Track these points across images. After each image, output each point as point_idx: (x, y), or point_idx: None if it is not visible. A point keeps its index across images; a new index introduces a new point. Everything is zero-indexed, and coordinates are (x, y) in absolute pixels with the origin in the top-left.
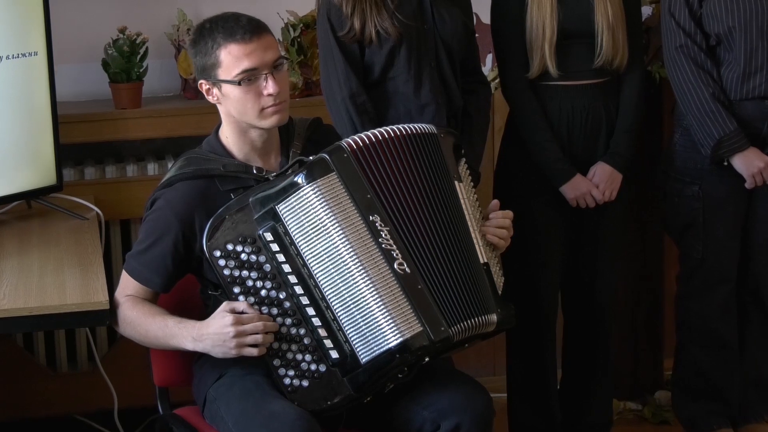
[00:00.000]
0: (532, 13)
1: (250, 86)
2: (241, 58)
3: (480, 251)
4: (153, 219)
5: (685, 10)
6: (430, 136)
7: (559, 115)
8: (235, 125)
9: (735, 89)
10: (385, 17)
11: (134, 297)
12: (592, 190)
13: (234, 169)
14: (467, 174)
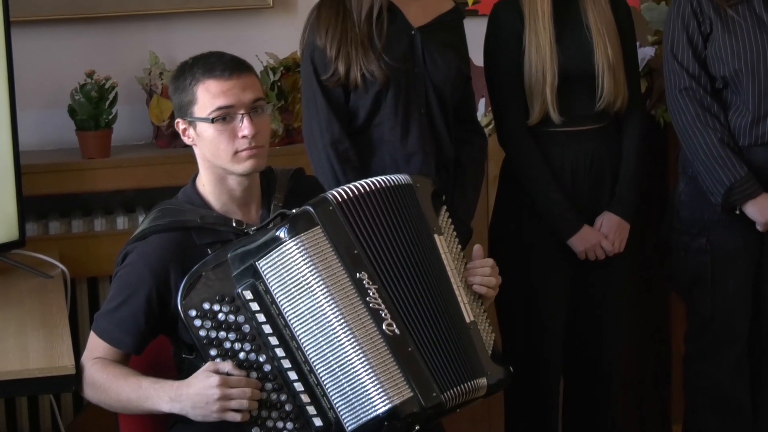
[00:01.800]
0: (531, 55)
1: (225, 126)
2: (217, 95)
3: (465, 309)
4: (124, 274)
5: (688, 51)
6: (405, 187)
7: (562, 162)
8: (212, 172)
9: (744, 134)
10: (372, 60)
11: (103, 359)
12: (601, 241)
13: (212, 222)
14: (448, 223)
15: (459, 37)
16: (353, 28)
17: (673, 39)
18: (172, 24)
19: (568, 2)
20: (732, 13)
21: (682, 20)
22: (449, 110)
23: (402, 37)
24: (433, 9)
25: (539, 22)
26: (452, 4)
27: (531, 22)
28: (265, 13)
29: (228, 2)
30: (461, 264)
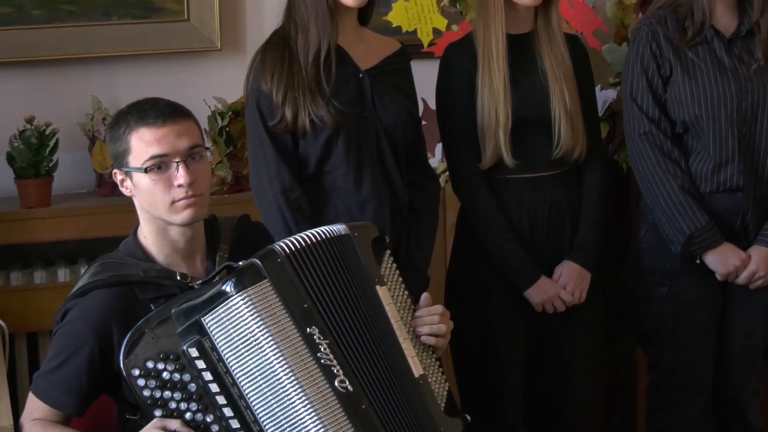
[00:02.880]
0: (484, 96)
1: (160, 175)
2: (150, 144)
3: (413, 363)
4: (64, 333)
5: (648, 95)
6: (343, 238)
7: (519, 210)
8: (153, 223)
9: (705, 181)
10: (320, 104)
11: (43, 420)
12: (560, 292)
13: (155, 275)
14: (393, 269)
15: (407, 80)
16: (300, 72)
17: (632, 82)
18: (116, 67)
19: (523, 45)
20: (692, 55)
21: (641, 63)
22: (401, 155)
23: (350, 81)
24: (380, 51)
25: (493, 62)
26: (399, 46)
27: (485, 62)
28: (212, 56)
29: (174, 44)
30: (409, 313)
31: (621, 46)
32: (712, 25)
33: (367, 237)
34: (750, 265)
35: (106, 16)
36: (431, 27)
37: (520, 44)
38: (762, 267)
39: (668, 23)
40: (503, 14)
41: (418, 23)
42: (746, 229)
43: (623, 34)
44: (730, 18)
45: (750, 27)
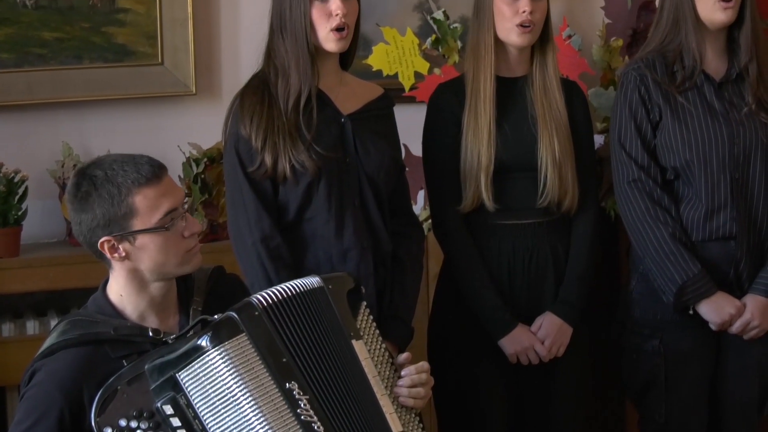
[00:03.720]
0: (468, 137)
1: (173, 230)
2: (160, 201)
3: (392, 420)
4: (32, 395)
5: (637, 140)
6: (317, 291)
7: (499, 257)
8: (135, 281)
9: (697, 229)
10: (301, 150)
11: None
12: (535, 344)
13: (126, 332)
14: (369, 321)
15: (390, 125)
16: (280, 116)
17: (620, 127)
18: (87, 113)
19: (515, 89)
20: (682, 99)
21: (629, 107)
22: (384, 202)
23: (331, 126)
24: (363, 96)
25: (480, 103)
26: (381, 91)
27: (471, 104)
28: (187, 101)
29: (148, 89)
30: (387, 367)
31: (608, 89)
32: (702, 69)
33: (342, 288)
34: (745, 314)
35: (77, 59)
36: (413, 70)
37: (511, 87)
38: (757, 316)
39: (657, 67)
40: (493, 56)
41: (400, 67)
42: (740, 278)
43: (610, 78)
44: (720, 62)
45: (740, 70)
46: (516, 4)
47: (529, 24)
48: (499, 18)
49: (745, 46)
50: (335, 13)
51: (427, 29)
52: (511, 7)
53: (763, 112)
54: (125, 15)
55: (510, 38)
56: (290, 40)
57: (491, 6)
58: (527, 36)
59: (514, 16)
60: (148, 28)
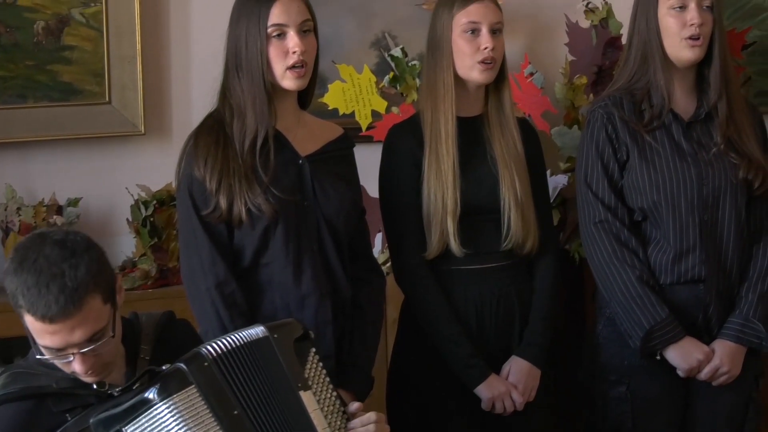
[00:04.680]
0: (430, 180)
1: (58, 358)
2: (42, 335)
3: None
4: None
5: (603, 180)
6: (261, 342)
7: (466, 303)
8: None
9: (665, 272)
10: (258, 192)
11: None
12: (512, 391)
13: (69, 385)
14: (318, 370)
15: (350, 167)
16: (235, 158)
17: (586, 167)
18: (32, 153)
19: (472, 129)
20: (649, 139)
21: (596, 146)
22: (344, 246)
23: (289, 167)
24: (322, 136)
25: (442, 145)
26: (341, 131)
27: (432, 145)
28: (135, 141)
29: (95, 129)
30: (338, 416)
31: (571, 129)
32: (670, 108)
33: (289, 337)
34: (713, 360)
35: (21, 98)
36: (370, 109)
37: (468, 127)
38: (726, 362)
39: (624, 105)
40: (453, 94)
41: (356, 105)
42: (709, 323)
43: (574, 117)
44: (689, 100)
45: (709, 109)
46: (477, 41)
47: (491, 61)
48: (459, 55)
49: (714, 84)
50: (293, 50)
51: (384, 67)
52: (471, 44)
53: (732, 152)
54: (71, 52)
55: (471, 76)
56: (246, 78)
57: (449, 43)
58: (489, 73)
59: (476, 53)
60: (95, 65)
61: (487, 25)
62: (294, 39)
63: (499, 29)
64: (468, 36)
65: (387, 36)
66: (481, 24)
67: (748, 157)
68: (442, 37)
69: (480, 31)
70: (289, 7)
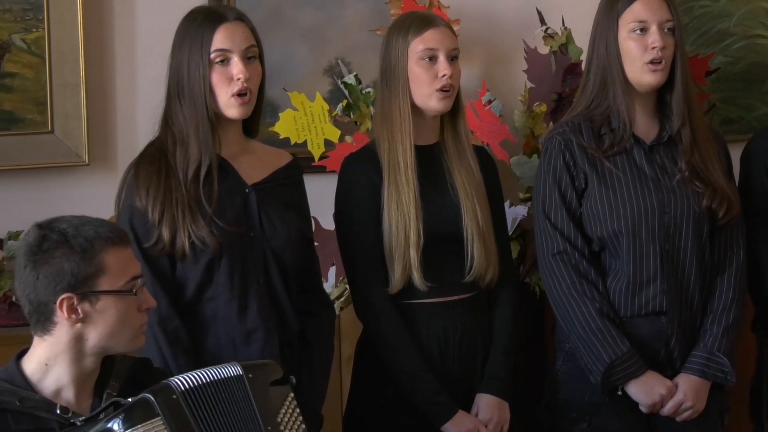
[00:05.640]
0: (391, 211)
1: (138, 297)
2: (129, 263)
3: None
4: None
5: (561, 209)
6: (234, 380)
7: (429, 338)
8: (74, 350)
9: (625, 304)
10: (202, 224)
11: None
12: (480, 428)
13: (32, 405)
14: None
15: (299, 195)
16: (178, 187)
17: (544, 196)
18: None
19: (430, 157)
20: (609, 165)
21: (553, 175)
22: (291, 279)
23: (235, 197)
24: (269, 163)
25: (401, 175)
26: (290, 158)
27: (391, 175)
28: (79, 171)
29: (37, 159)
30: None
31: (531, 158)
32: (632, 132)
33: (265, 378)
34: (677, 395)
35: None
36: (323, 138)
37: (426, 156)
38: (690, 396)
39: (583, 131)
40: (410, 122)
41: (309, 134)
42: (671, 356)
43: (533, 145)
44: (651, 125)
45: (672, 134)
46: (434, 68)
47: (450, 88)
48: (417, 84)
49: (677, 110)
50: (237, 77)
51: (337, 94)
52: (429, 71)
53: (696, 180)
54: (12, 80)
55: (430, 104)
56: (189, 106)
57: (404, 71)
58: (448, 101)
59: (434, 81)
60: (37, 93)
61: (445, 51)
62: (238, 65)
63: (456, 55)
64: (425, 63)
65: (340, 62)
66: (438, 51)
67: (713, 185)
68: (397, 65)
69: (437, 58)
70: (233, 33)
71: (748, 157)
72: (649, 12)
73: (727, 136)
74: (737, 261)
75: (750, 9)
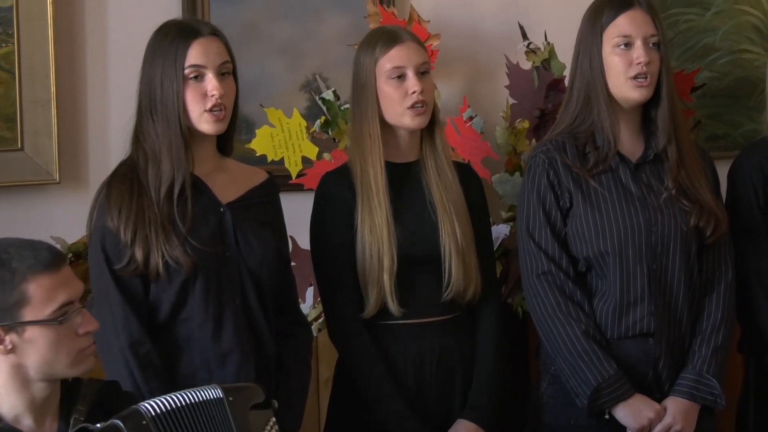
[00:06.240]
0: (364, 236)
1: (68, 325)
2: (55, 291)
3: None
4: None
5: (546, 229)
6: (214, 403)
7: (404, 361)
8: (18, 378)
9: (612, 325)
10: (175, 244)
11: None
12: None
13: None
14: None
15: (275, 214)
16: (151, 207)
17: (528, 216)
18: None
19: (409, 175)
20: (595, 184)
21: (537, 194)
22: (268, 300)
23: (209, 216)
24: (245, 182)
25: (373, 197)
26: (266, 176)
27: (364, 198)
28: (50, 190)
29: (6, 177)
30: None
31: (513, 176)
32: (617, 150)
33: (246, 402)
34: (665, 418)
35: None
36: (300, 155)
37: (405, 173)
38: (679, 420)
39: (567, 149)
40: (380, 144)
41: (286, 151)
42: (659, 379)
43: (515, 163)
44: (636, 142)
45: (658, 152)
46: (404, 86)
47: (422, 104)
48: (387, 103)
49: (663, 127)
50: (211, 93)
51: (315, 111)
52: (398, 90)
53: (683, 198)
54: None
55: (403, 122)
56: (161, 122)
57: (373, 91)
58: (421, 117)
59: (404, 99)
60: (7, 110)
61: (413, 67)
62: (212, 81)
63: (426, 70)
64: (394, 82)
65: (318, 78)
66: (406, 68)
67: (700, 203)
68: (366, 85)
69: (406, 75)
70: (207, 48)
71: (735, 174)
72: (634, 26)
73: (713, 152)
74: (726, 281)
75: (736, 23)
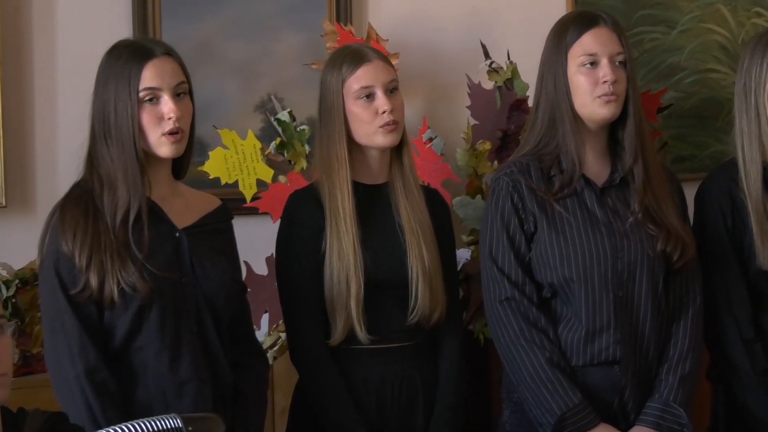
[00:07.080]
0: (332, 262)
1: None
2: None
3: None
4: None
5: (510, 254)
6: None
7: (366, 387)
8: None
9: (577, 353)
10: (132, 270)
11: None
12: None
13: None
14: None
15: (229, 241)
16: (107, 231)
17: (491, 240)
18: None
19: (379, 197)
20: (559, 208)
21: (501, 217)
22: (224, 328)
23: (165, 241)
24: (199, 208)
25: (341, 222)
26: (219, 202)
27: (332, 223)
28: None
29: None
30: None
31: (474, 198)
32: (582, 173)
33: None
34: None
35: None
36: (255, 178)
37: (376, 194)
38: None
39: (532, 172)
40: (347, 166)
41: (240, 174)
42: (625, 408)
43: (477, 185)
44: (602, 166)
45: (624, 175)
46: (373, 105)
47: (393, 123)
48: (357, 124)
49: (629, 146)
50: (168, 116)
51: (270, 132)
52: (368, 110)
53: (650, 223)
54: None
55: (375, 141)
56: (116, 147)
57: (341, 112)
58: (394, 135)
59: (375, 119)
60: None
61: (382, 86)
62: (168, 104)
63: (395, 87)
64: (363, 102)
65: (273, 98)
66: (374, 87)
67: (667, 227)
68: (333, 106)
69: (375, 94)
70: (162, 70)
71: (702, 197)
72: (599, 45)
73: (680, 174)
74: (694, 307)
75: (702, 42)
